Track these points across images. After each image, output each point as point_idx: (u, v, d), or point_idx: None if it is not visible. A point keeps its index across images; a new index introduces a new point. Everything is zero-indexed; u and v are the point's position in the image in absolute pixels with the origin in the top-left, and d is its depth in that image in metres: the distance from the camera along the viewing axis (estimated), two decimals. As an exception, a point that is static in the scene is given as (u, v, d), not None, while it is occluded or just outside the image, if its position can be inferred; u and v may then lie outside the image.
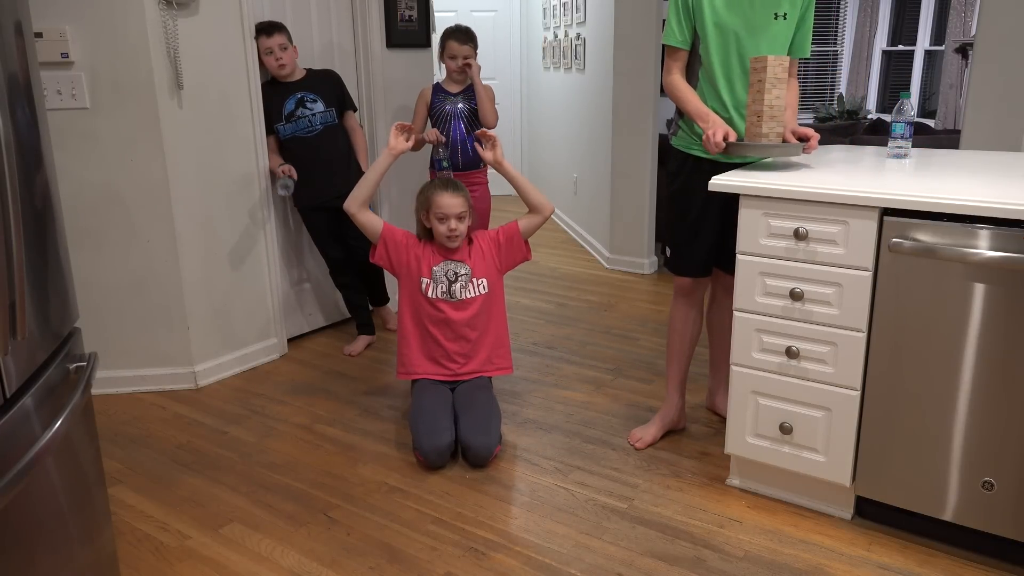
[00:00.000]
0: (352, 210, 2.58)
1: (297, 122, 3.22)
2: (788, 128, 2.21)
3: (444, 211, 2.56)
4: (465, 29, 3.32)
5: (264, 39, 3.12)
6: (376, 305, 3.71)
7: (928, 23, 7.68)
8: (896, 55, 8.08)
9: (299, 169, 3.22)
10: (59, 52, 2.73)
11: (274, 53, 3.13)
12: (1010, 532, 1.88)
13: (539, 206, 2.63)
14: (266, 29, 3.12)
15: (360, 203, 2.58)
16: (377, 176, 2.60)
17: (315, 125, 3.26)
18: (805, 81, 8.52)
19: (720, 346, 2.66)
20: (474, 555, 2.03)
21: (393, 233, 2.63)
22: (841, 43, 8.42)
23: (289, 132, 3.24)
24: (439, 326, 2.64)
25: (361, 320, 3.52)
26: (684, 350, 2.56)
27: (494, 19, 6.85)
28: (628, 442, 2.58)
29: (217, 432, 2.73)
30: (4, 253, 1.24)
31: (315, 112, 3.24)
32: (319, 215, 3.34)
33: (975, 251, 1.77)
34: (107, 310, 2.99)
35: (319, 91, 3.26)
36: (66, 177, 2.78)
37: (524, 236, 2.67)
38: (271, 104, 3.20)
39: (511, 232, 2.66)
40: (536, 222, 2.65)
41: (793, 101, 2.31)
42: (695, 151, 2.36)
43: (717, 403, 2.76)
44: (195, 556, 2.05)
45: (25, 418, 1.31)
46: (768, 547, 2.04)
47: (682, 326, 2.55)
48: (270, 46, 3.12)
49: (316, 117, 3.24)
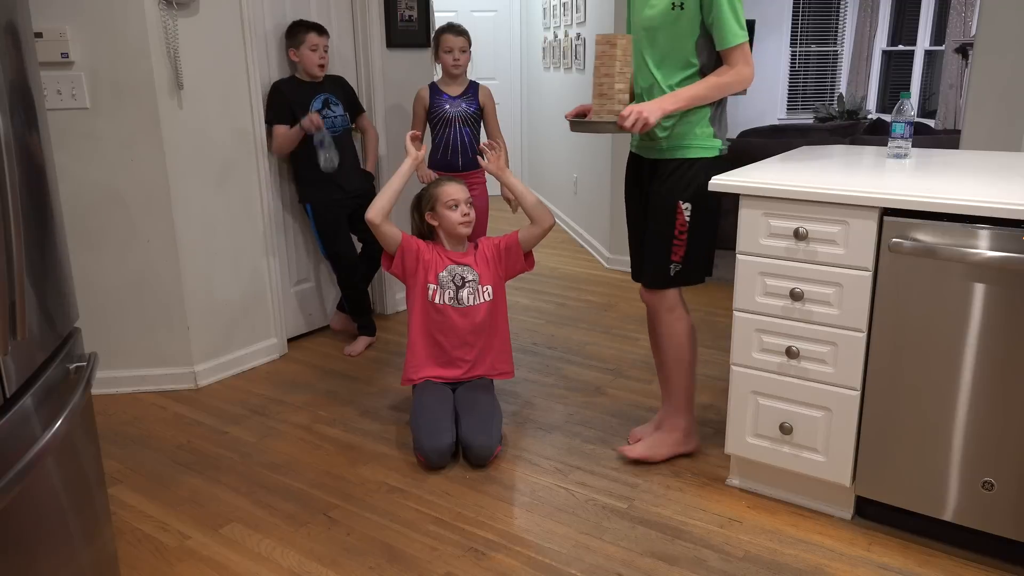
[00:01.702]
0: (376, 220, 2.54)
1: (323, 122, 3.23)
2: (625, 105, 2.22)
3: (454, 197, 2.57)
4: (457, 24, 3.37)
5: (315, 36, 3.20)
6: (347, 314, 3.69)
7: (928, 23, 7.69)
8: (896, 55, 8.08)
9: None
10: (59, 52, 2.73)
11: (319, 51, 3.21)
12: (1010, 532, 1.88)
13: (538, 218, 2.60)
14: (319, 28, 3.22)
15: (384, 213, 2.54)
16: (401, 184, 2.58)
17: (337, 127, 3.32)
18: (805, 81, 8.52)
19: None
20: (474, 555, 2.03)
21: (410, 242, 2.61)
22: (841, 43, 8.42)
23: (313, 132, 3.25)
24: (445, 333, 2.63)
25: (364, 321, 3.52)
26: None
27: (494, 19, 6.85)
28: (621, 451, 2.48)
29: (217, 432, 2.73)
30: (4, 253, 1.24)
31: (337, 115, 3.32)
32: (336, 213, 3.35)
33: (975, 251, 1.77)
34: (107, 310, 2.99)
35: (338, 95, 3.36)
36: (66, 177, 2.79)
37: (524, 247, 2.64)
38: (295, 99, 3.21)
39: (511, 242, 2.65)
40: (535, 233, 2.61)
41: (693, 91, 2.19)
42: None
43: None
44: (195, 556, 2.05)
45: (25, 418, 1.31)
46: (768, 547, 2.04)
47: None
48: (320, 43, 3.21)
49: (338, 119, 3.32)
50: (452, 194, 2.58)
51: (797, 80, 8.52)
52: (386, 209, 2.54)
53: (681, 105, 2.19)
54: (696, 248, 2.29)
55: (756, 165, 2.34)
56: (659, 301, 2.36)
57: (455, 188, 2.59)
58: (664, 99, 2.19)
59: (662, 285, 2.33)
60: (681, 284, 2.34)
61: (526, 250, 2.65)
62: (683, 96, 2.19)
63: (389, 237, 2.58)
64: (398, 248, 2.59)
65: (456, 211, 2.58)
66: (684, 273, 2.31)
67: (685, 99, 2.19)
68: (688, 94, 2.19)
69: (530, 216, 2.61)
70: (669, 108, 2.17)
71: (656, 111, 2.14)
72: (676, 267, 2.31)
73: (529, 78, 6.98)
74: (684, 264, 2.30)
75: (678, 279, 2.32)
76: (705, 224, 2.28)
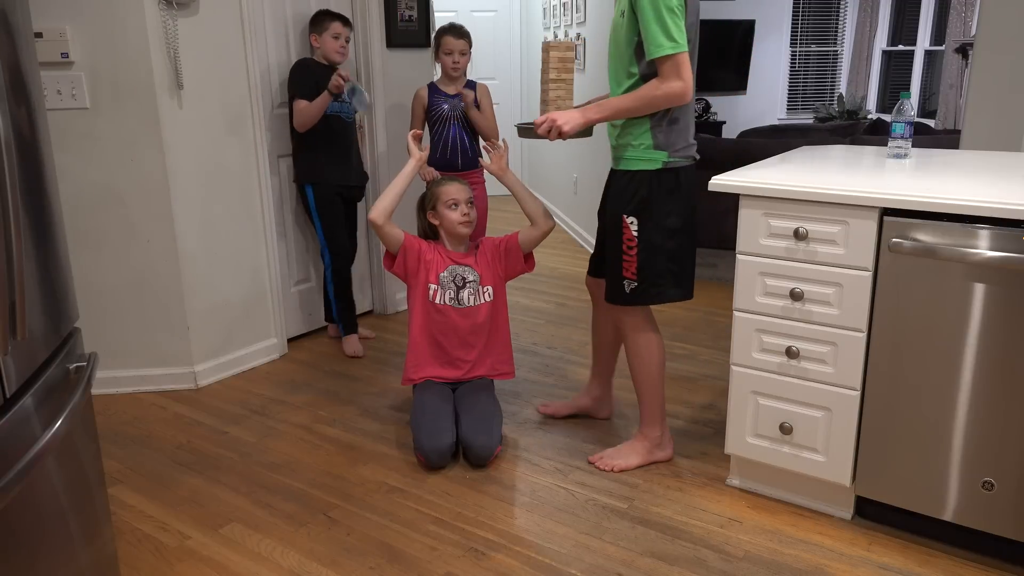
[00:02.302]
0: (379, 221, 2.52)
1: (342, 104, 3.26)
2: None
3: (455, 197, 2.57)
4: (459, 26, 3.35)
5: (340, 25, 3.22)
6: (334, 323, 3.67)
7: (928, 23, 7.69)
8: (896, 55, 8.08)
9: (335, 147, 3.31)
10: (59, 52, 2.73)
11: (340, 40, 3.22)
12: (1010, 532, 1.88)
13: (537, 220, 2.58)
14: (344, 19, 3.25)
15: (388, 214, 2.53)
16: (404, 185, 2.57)
17: (350, 113, 3.35)
18: (805, 81, 8.52)
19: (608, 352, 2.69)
20: (474, 555, 2.03)
21: (412, 243, 2.61)
22: (841, 43, 8.42)
23: (336, 109, 3.25)
24: (446, 334, 2.63)
25: (348, 318, 3.48)
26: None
27: (494, 19, 6.85)
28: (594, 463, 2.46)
29: (217, 432, 2.73)
30: (4, 253, 1.23)
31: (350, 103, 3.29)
32: (335, 198, 3.35)
33: (975, 251, 1.77)
34: (107, 310, 2.99)
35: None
36: (66, 177, 2.79)
37: (523, 249, 2.63)
38: (317, 79, 3.16)
39: (512, 243, 2.64)
40: (534, 235, 2.60)
41: (619, 103, 2.15)
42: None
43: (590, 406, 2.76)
44: (195, 556, 2.05)
45: (25, 418, 1.31)
46: (768, 547, 2.04)
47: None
48: (343, 33, 3.23)
49: (350, 106, 3.31)
50: (452, 194, 2.57)
51: (797, 80, 8.52)
52: (389, 210, 2.53)
53: (606, 115, 2.18)
54: (650, 264, 2.23)
55: (756, 165, 2.34)
56: (622, 318, 2.34)
57: (456, 188, 2.59)
58: (589, 109, 2.20)
59: (619, 301, 2.30)
60: (640, 303, 2.28)
61: (526, 251, 2.64)
62: (608, 107, 2.17)
63: (391, 238, 2.57)
64: (400, 248, 2.59)
65: (456, 211, 2.57)
66: (641, 291, 2.25)
67: (610, 110, 2.16)
68: (614, 105, 2.16)
69: (530, 218, 2.60)
70: (593, 118, 2.18)
71: (577, 120, 2.15)
72: (630, 283, 2.25)
73: (529, 78, 6.98)
74: (639, 281, 2.24)
75: (634, 297, 2.27)
76: (659, 239, 2.21)
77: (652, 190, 2.18)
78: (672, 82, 2.07)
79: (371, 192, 3.67)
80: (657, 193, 2.19)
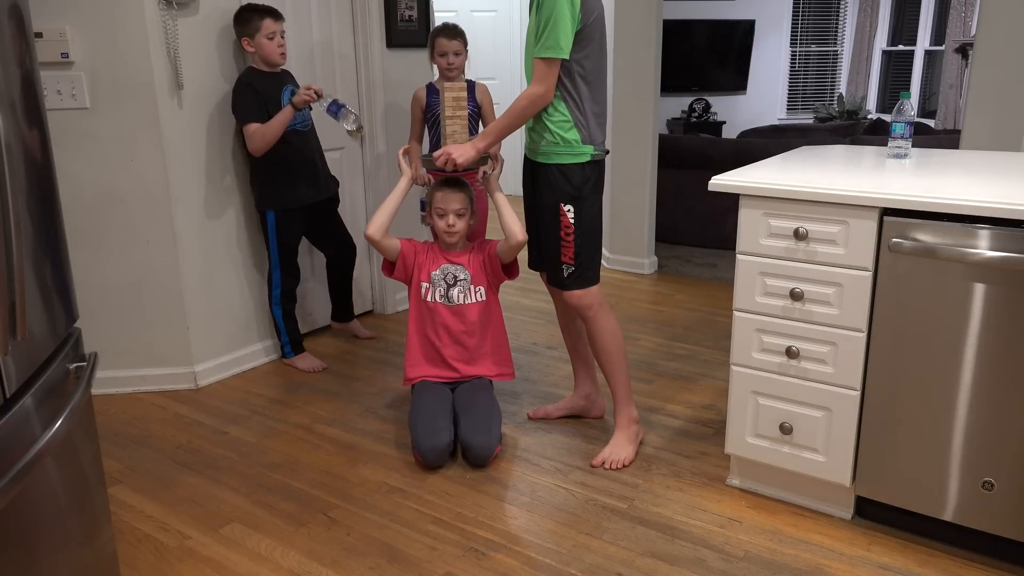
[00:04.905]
0: (376, 236, 2.55)
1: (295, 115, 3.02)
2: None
3: (442, 206, 2.59)
4: (453, 26, 3.31)
5: (271, 22, 2.91)
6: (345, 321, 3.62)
7: (928, 23, 7.69)
8: (896, 55, 8.08)
9: (299, 166, 3.07)
10: (59, 52, 2.73)
11: (277, 38, 2.94)
12: (1010, 532, 1.88)
13: (510, 236, 2.53)
14: (274, 13, 2.94)
15: (384, 230, 2.55)
16: (398, 202, 2.59)
17: (307, 119, 3.11)
18: (805, 81, 8.53)
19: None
20: (474, 555, 2.03)
21: (408, 247, 2.64)
22: (841, 43, 8.42)
23: (290, 125, 2.99)
24: (438, 332, 2.64)
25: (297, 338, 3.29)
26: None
27: (494, 19, 6.85)
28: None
29: (217, 432, 2.73)
30: (4, 253, 1.23)
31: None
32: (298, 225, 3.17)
33: (975, 251, 1.77)
34: (107, 310, 2.99)
35: (297, 84, 3.12)
36: (66, 177, 2.79)
37: (501, 258, 2.62)
38: (265, 94, 2.95)
39: (491, 252, 2.64)
40: (506, 249, 2.57)
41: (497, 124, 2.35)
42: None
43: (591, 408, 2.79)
44: (195, 556, 2.05)
45: (25, 418, 1.31)
46: (768, 547, 2.04)
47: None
48: (276, 30, 2.93)
49: (307, 112, 3.10)
50: (438, 202, 2.59)
51: (797, 80, 8.53)
52: (385, 226, 2.57)
53: (491, 141, 2.37)
54: (584, 249, 2.38)
55: (756, 165, 2.34)
56: (573, 301, 2.44)
57: (446, 197, 2.58)
58: (477, 139, 2.39)
59: (561, 286, 2.44)
60: (578, 287, 2.41)
61: (503, 262, 2.63)
62: (490, 132, 2.37)
63: (390, 249, 2.62)
64: (398, 256, 2.63)
65: (442, 220, 2.59)
66: (578, 274, 2.40)
67: (493, 134, 2.37)
68: (494, 129, 2.36)
69: (504, 232, 2.56)
70: (481, 148, 2.38)
71: (469, 152, 2.36)
72: (568, 268, 2.39)
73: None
74: (576, 266, 2.39)
75: (572, 280, 2.41)
76: (591, 225, 2.38)
77: (584, 180, 2.34)
78: (535, 86, 2.24)
79: (371, 191, 3.66)
80: (587, 183, 2.35)
